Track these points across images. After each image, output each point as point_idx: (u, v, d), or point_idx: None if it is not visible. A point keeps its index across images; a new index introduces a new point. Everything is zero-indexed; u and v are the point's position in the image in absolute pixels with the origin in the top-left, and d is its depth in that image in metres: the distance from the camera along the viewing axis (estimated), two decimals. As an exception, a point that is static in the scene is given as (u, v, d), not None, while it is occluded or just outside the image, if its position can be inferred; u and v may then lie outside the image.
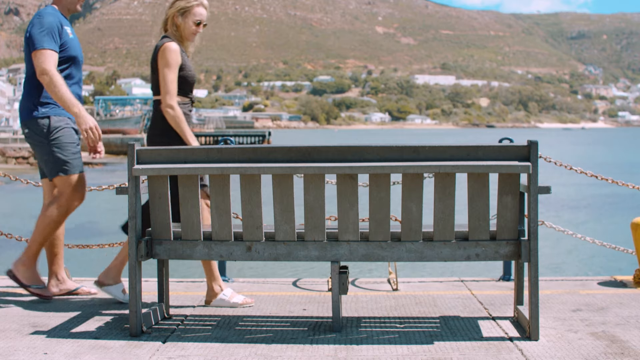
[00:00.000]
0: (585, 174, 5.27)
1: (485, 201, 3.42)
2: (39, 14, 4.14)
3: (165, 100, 3.91)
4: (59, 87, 3.98)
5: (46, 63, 3.99)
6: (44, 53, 4.01)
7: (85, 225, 18.18)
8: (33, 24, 4.10)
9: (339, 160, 3.41)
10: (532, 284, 3.35)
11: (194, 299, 4.30)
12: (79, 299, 4.32)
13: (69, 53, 4.18)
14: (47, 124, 4.13)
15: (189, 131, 3.98)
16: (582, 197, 24.82)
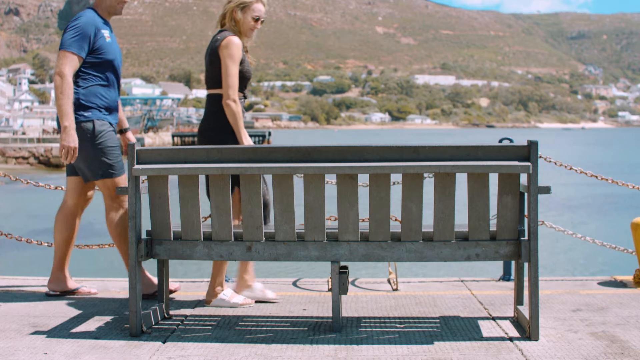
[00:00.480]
0: (585, 174, 5.27)
1: (485, 201, 3.42)
2: (77, 17, 4.15)
3: (228, 93, 3.89)
4: (64, 94, 3.99)
5: (64, 66, 4.01)
6: (66, 55, 4.02)
7: (85, 225, 18.16)
8: (68, 26, 4.11)
9: (339, 160, 3.41)
10: (532, 284, 3.35)
11: (194, 299, 4.29)
12: (79, 299, 4.31)
13: (106, 57, 4.16)
14: (91, 129, 4.12)
15: (243, 129, 3.97)
16: (582, 197, 24.82)
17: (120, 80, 4.35)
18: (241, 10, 4.03)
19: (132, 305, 3.46)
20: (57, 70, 4.02)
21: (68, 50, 4.03)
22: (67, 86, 3.99)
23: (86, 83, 4.13)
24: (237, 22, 4.04)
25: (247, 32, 4.07)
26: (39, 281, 4.82)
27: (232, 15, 4.03)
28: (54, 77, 4.04)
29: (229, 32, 4.00)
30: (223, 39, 3.93)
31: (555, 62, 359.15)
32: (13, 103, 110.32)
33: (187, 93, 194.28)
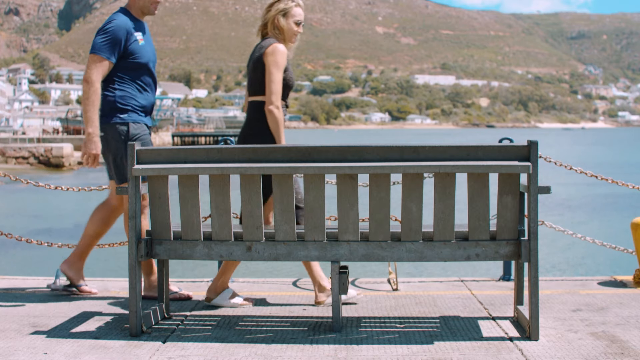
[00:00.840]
0: (585, 174, 5.27)
1: (485, 201, 3.42)
2: (109, 20, 4.13)
3: (271, 99, 3.91)
4: (90, 101, 3.99)
5: (92, 71, 4.00)
6: (95, 60, 4.02)
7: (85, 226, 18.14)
8: (100, 29, 4.09)
9: (339, 160, 3.41)
10: (532, 284, 3.35)
11: (194, 299, 4.29)
12: (79, 299, 4.31)
13: (138, 60, 4.15)
14: (125, 131, 4.11)
15: (284, 136, 3.99)
16: (582, 197, 24.82)
17: (155, 80, 4.32)
18: (283, 17, 4.04)
19: (132, 305, 3.46)
20: (85, 76, 4.02)
21: (98, 54, 4.02)
22: (93, 92, 3.99)
23: (122, 86, 4.12)
24: (280, 29, 4.05)
25: (291, 38, 4.10)
26: (39, 281, 4.82)
27: (275, 24, 4.04)
28: (83, 82, 4.03)
29: (273, 39, 4.02)
30: (269, 46, 3.96)
31: (555, 62, 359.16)
32: (13, 103, 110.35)
33: (187, 93, 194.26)
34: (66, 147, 40.46)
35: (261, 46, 4.00)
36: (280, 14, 4.03)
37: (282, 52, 3.94)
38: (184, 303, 4.17)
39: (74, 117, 66.49)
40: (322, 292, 4.06)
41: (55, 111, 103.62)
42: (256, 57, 3.99)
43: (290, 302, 4.19)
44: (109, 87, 4.13)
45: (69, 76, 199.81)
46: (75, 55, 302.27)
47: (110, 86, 4.13)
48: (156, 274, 4.19)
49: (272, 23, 4.05)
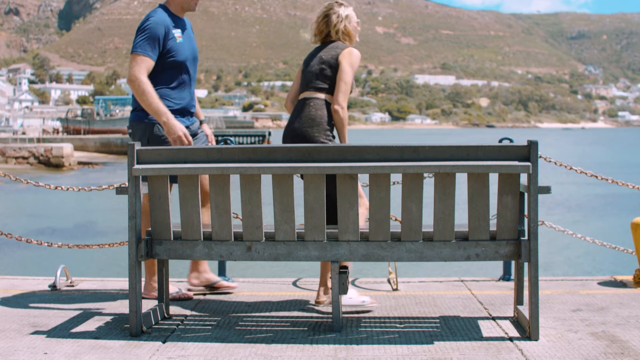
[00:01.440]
0: (585, 174, 5.27)
1: (485, 201, 3.42)
2: (147, 17, 4.07)
3: (340, 99, 3.94)
4: (147, 95, 3.92)
5: (136, 69, 3.94)
6: (136, 58, 3.97)
7: (85, 225, 18.18)
8: (138, 28, 4.04)
9: (339, 160, 3.41)
10: (532, 284, 3.35)
11: (194, 298, 4.29)
12: (79, 299, 4.31)
13: (176, 58, 4.09)
14: (151, 132, 4.07)
15: (347, 136, 4.02)
16: (582, 197, 24.82)
17: (194, 78, 4.27)
18: (348, 22, 4.12)
19: (132, 305, 3.46)
20: (129, 76, 3.96)
21: (139, 53, 3.97)
22: (145, 86, 3.92)
23: (156, 86, 4.05)
24: (348, 33, 4.11)
25: (356, 37, 4.18)
26: (39, 281, 4.82)
27: (342, 29, 4.10)
28: (129, 84, 3.96)
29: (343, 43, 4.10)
30: (345, 47, 4.02)
31: (555, 62, 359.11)
32: (13, 103, 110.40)
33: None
34: (66, 147, 40.45)
35: (336, 46, 4.04)
36: (346, 21, 4.10)
37: (358, 56, 4.04)
38: (184, 303, 4.17)
39: (74, 117, 66.49)
40: (327, 294, 4.06)
41: (55, 111, 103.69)
42: (330, 56, 4.01)
43: (290, 302, 4.19)
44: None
45: (69, 76, 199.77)
46: (75, 55, 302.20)
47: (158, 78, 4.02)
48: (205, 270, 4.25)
49: (342, 31, 4.10)
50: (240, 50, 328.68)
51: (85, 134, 57.53)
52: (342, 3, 4.15)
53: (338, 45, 4.06)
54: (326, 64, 4.00)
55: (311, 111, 3.97)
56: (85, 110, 68.71)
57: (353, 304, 3.93)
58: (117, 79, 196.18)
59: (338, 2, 4.14)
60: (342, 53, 4.00)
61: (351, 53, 4.00)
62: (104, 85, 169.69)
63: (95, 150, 50.80)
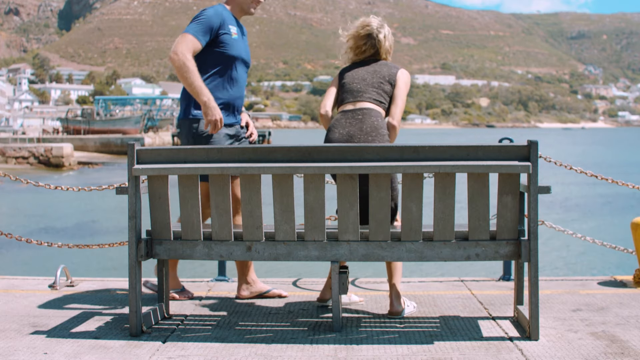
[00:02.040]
0: (585, 174, 5.26)
1: (485, 201, 3.42)
2: (205, 8, 4.04)
3: (398, 116, 3.99)
4: (190, 72, 3.81)
5: (183, 46, 3.84)
6: (185, 36, 3.87)
7: (85, 225, 18.18)
8: (195, 16, 3.99)
9: (339, 160, 3.41)
10: (532, 284, 3.35)
11: (194, 299, 4.29)
12: (79, 299, 4.31)
13: (229, 52, 4.02)
14: (196, 128, 4.01)
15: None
16: (582, 197, 24.82)
17: (244, 80, 4.20)
18: (391, 39, 4.19)
19: (132, 305, 3.46)
20: (174, 50, 3.81)
21: (189, 32, 3.88)
22: (189, 63, 3.80)
23: (205, 75, 3.97)
24: (390, 51, 4.20)
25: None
26: (39, 281, 4.82)
27: (389, 49, 4.18)
28: (171, 57, 3.82)
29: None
30: (401, 68, 4.10)
31: (555, 62, 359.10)
32: (13, 103, 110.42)
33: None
34: (66, 147, 40.45)
35: (387, 64, 4.09)
36: (390, 39, 4.17)
37: (410, 78, 4.19)
38: (184, 303, 4.17)
39: (74, 117, 66.46)
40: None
41: (55, 111, 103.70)
42: (389, 74, 4.05)
43: (290, 302, 4.19)
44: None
45: (69, 76, 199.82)
46: (75, 55, 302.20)
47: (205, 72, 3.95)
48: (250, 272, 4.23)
49: (386, 47, 4.16)
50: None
51: (85, 134, 57.53)
52: (377, 19, 4.18)
53: (388, 63, 4.11)
54: (385, 81, 4.03)
55: (374, 121, 3.93)
56: (85, 110, 68.68)
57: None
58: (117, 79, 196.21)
59: (374, 21, 4.15)
60: (400, 73, 4.07)
61: (407, 74, 4.12)
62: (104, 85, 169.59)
63: (95, 150, 50.81)
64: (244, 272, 4.27)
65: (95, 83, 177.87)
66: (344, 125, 3.94)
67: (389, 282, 3.93)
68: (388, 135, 3.93)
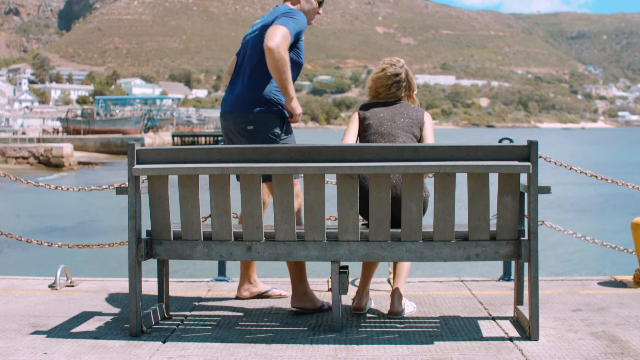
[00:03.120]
0: (585, 174, 5.26)
1: (485, 201, 3.42)
2: (293, 8, 3.94)
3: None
4: (287, 67, 3.73)
5: (285, 43, 3.71)
6: (286, 32, 3.74)
7: (85, 225, 18.18)
8: (287, 11, 3.86)
9: (339, 160, 3.41)
10: (532, 284, 3.35)
11: (194, 299, 4.29)
12: (79, 299, 4.31)
13: (299, 60, 3.99)
14: (281, 124, 3.93)
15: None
16: (582, 197, 24.83)
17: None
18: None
19: (132, 305, 3.46)
20: (275, 44, 3.66)
21: (289, 29, 3.76)
22: (287, 57, 3.72)
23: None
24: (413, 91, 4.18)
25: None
26: (39, 281, 4.83)
27: (413, 90, 4.16)
28: (271, 49, 3.65)
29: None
30: (424, 111, 4.08)
31: (555, 62, 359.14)
32: (13, 103, 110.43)
33: (187, 93, 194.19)
34: (66, 147, 40.47)
35: (411, 106, 4.07)
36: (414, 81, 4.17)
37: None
38: (184, 303, 4.17)
39: (74, 117, 66.50)
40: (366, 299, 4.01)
41: (55, 111, 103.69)
42: (417, 118, 4.02)
43: (290, 302, 4.19)
44: (269, 75, 3.87)
45: (69, 76, 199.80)
46: (75, 55, 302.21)
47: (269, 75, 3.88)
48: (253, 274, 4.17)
49: (409, 94, 4.14)
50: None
51: (85, 134, 57.57)
52: (400, 59, 4.14)
53: (411, 105, 4.09)
54: (415, 125, 3.99)
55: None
56: (85, 110, 68.74)
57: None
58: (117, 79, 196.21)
59: (399, 61, 4.11)
60: (426, 117, 4.05)
61: (430, 117, 4.10)
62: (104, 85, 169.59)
63: (95, 150, 50.85)
64: (248, 273, 4.25)
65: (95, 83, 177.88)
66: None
67: (392, 281, 3.93)
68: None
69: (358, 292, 3.98)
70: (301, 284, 3.94)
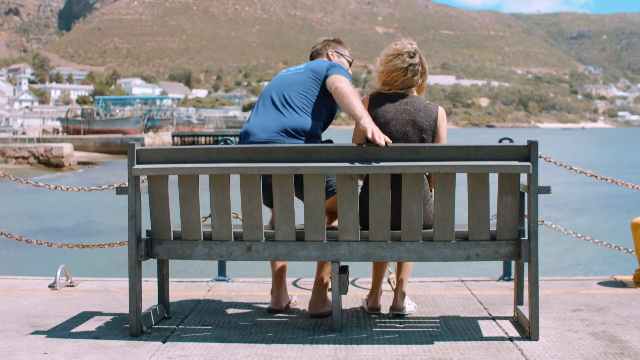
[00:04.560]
0: (585, 174, 5.26)
1: (485, 201, 3.42)
2: (335, 63, 3.97)
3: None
4: (356, 96, 3.64)
5: (349, 84, 3.69)
6: (348, 81, 3.72)
7: (85, 225, 18.18)
8: (333, 63, 3.91)
9: (339, 160, 3.41)
10: (532, 284, 3.35)
11: (194, 299, 4.30)
12: (79, 299, 4.31)
13: (336, 107, 3.96)
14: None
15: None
16: (582, 197, 24.82)
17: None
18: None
19: (132, 305, 3.46)
20: (343, 85, 3.64)
21: (348, 78, 3.76)
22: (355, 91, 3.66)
23: (319, 117, 3.88)
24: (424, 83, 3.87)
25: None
26: (39, 281, 4.83)
27: (424, 86, 3.86)
28: (341, 90, 3.62)
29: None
30: (439, 108, 3.77)
31: (555, 62, 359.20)
32: (13, 103, 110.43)
33: (187, 93, 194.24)
34: (66, 147, 40.47)
35: (422, 103, 3.73)
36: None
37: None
38: (184, 303, 4.17)
39: (74, 117, 66.51)
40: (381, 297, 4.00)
41: (55, 111, 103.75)
42: (429, 122, 3.70)
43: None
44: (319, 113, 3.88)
45: (69, 76, 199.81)
46: (75, 55, 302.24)
47: (319, 112, 3.88)
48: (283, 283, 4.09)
49: (422, 85, 3.84)
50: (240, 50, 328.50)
51: (85, 134, 57.58)
52: (413, 47, 3.76)
53: (423, 101, 3.75)
54: (427, 134, 3.70)
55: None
56: (85, 110, 68.78)
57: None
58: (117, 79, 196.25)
59: (410, 50, 3.74)
60: (440, 117, 3.75)
61: (444, 114, 3.78)
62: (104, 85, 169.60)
63: (95, 150, 50.86)
64: (284, 281, 4.12)
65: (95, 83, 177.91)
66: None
67: (396, 278, 3.93)
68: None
69: (372, 291, 3.96)
70: (323, 292, 3.90)
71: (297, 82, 3.92)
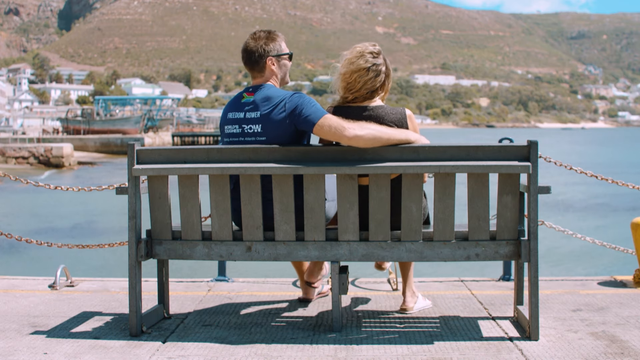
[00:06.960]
0: (585, 174, 5.26)
1: (485, 201, 3.42)
2: (301, 93, 3.68)
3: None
4: (380, 133, 3.39)
5: (350, 128, 3.36)
6: (331, 117, 3.43)
7: (85, 225, 18.18)
8: (305, 98, 3.60)
9: (339, 160, 3.41)
10: (532, 284, 3.35)
11: (194, 299, 4.30)
12: (79, 299, 4.31)
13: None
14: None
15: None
16: (582, 197, 24.82)
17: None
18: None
19: (132, 305, 3.46)
20: (352, 135, 3.34)
21: (326, 114, 3.45)
22: (368, 130, 3.38)
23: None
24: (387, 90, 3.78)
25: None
26: (39, 281, 4.83)
27: (387, 89, 3.76)
28: (369, 136, 3.35)
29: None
30: (407, 114, 3.65)
31: (555, 62, 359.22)
32: (13, 103, 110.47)
33: (187, 93, 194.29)
34: (66, 147, 40.47)
35: (396, 111, 3.64)
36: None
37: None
38: (184, 303, 4.17)
39: (74, 117, 66.51)
40: (413, 298, 3.96)
41: (55, 111, 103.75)
42: (402, 115, 3.62)
43: (290, 302, 4.19)
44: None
45: (69, 76, 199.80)
46: (75, 55, 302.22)
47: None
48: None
49: (386, 88, 3.75)
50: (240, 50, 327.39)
51: (85, 134, 57.57)
52: (376, 48, 3.72)
53: (386, 107, 3.64)
54: (401, 123, 3.63)
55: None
56: (85, 110, 68.76)
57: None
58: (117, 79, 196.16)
59: (373, 51, 3.71)
60: (408, 114, 3.66)
61: (413, 118, 3.67)
62: (104, 85, 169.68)
63: (95, 150, 50.86)
64: (307, 275, 4.15)
65: (95, 83, 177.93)
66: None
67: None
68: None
69: (404, 291, 3.95)
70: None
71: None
